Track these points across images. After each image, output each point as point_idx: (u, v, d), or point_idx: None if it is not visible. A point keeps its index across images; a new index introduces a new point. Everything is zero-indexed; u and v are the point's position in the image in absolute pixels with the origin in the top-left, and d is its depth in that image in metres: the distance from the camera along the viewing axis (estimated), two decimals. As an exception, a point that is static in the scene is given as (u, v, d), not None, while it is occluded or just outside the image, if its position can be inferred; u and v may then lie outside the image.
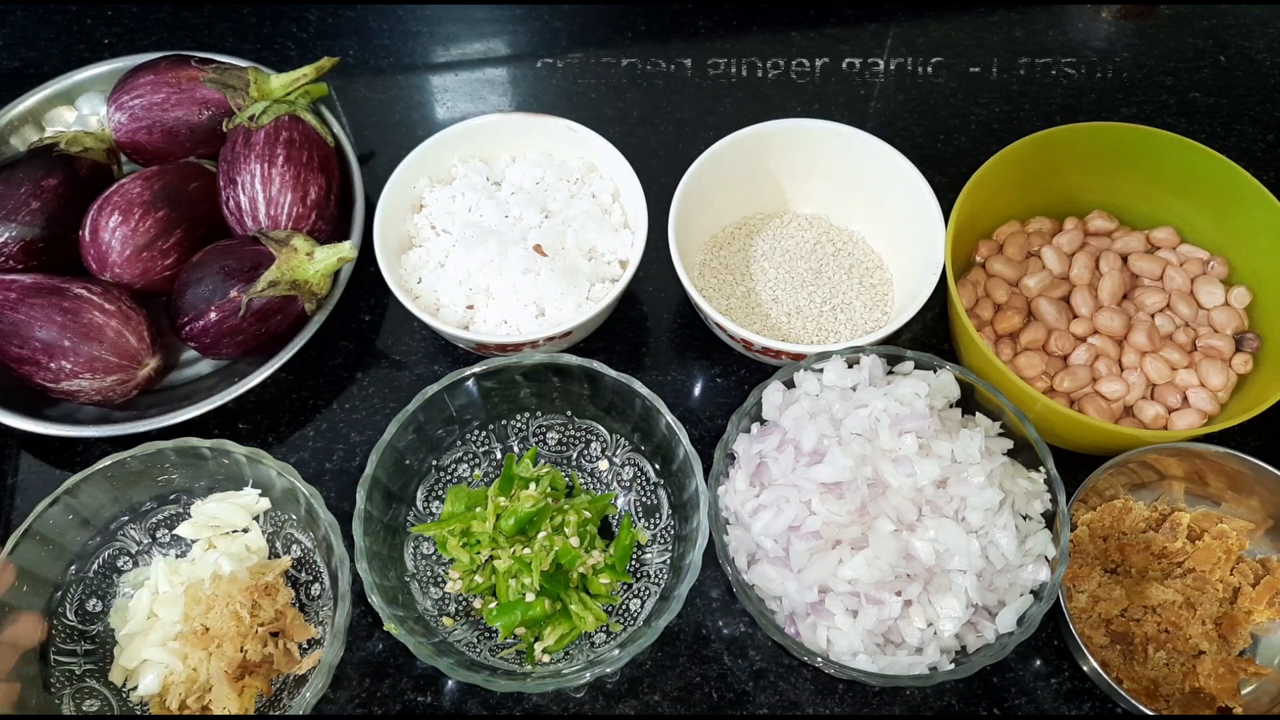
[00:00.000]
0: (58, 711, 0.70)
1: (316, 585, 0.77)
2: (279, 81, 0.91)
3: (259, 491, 0.77)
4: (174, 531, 0.78)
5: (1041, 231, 0.91)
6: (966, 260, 0.91)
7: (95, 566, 0.76)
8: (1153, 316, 0.86)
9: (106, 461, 0.73)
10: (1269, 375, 0.81)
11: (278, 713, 0.72)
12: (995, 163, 0.85)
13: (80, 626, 0.74)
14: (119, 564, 0.77)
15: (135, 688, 0.72)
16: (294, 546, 0.78)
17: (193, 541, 0.78)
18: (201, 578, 0.74)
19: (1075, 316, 0.86)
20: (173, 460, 0.75)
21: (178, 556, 0.78)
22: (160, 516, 0.78)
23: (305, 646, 0.75)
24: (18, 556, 0.70)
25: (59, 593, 0.74)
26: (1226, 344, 0.83)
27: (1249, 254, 0.86)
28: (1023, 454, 0.73)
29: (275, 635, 0.73)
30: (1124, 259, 0.89)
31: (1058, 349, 0.84)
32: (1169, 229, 0.90)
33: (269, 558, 0.78)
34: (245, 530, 0.78)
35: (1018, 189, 0.89)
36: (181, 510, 0.78)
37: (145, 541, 0.78)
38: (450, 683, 0.76)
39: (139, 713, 0.72)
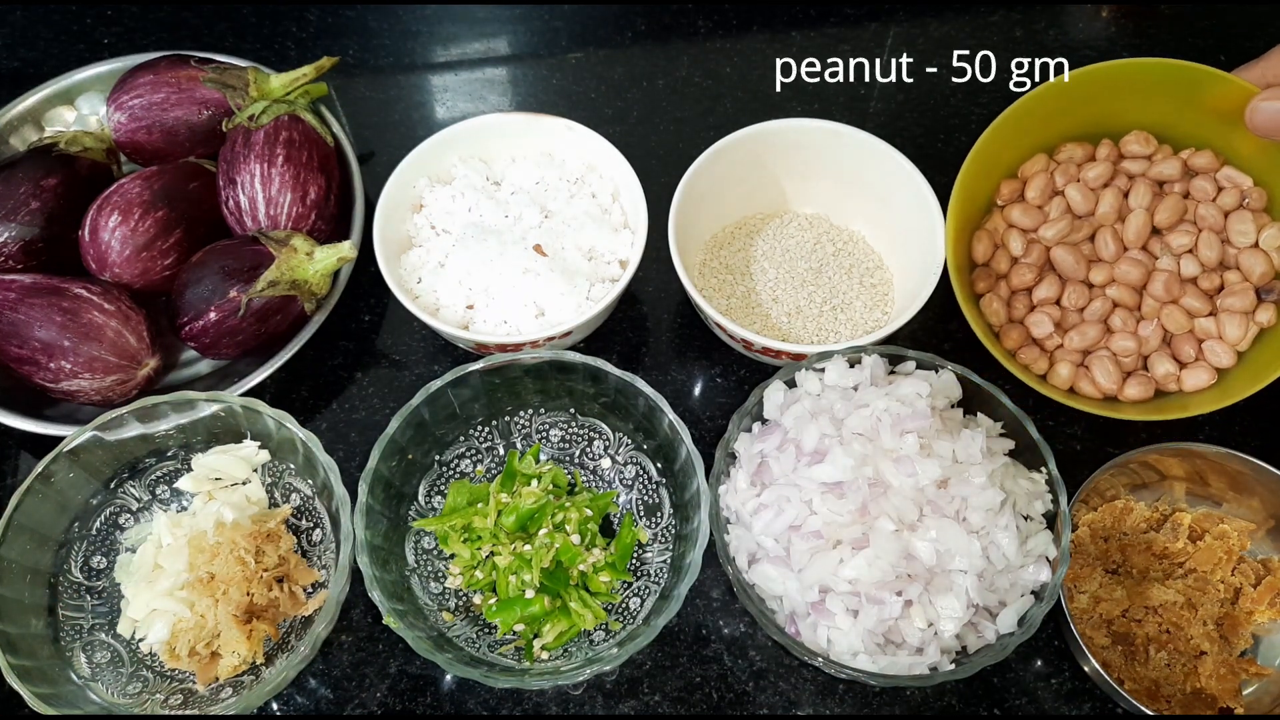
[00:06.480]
0: (69, 664, 0.71)
1: (318, 531, 0.79)
2: (279, 81, 0.91)
3: (258, 444, 0.79)
4: (174, 486, 0.79)
5: (1073, 159, 0.87)
6: (987, 201, 0.89)
7: (98, 524, 0.77)
8: (1178, 259, 0.83)
9: (105, 418, 0.74)
10: None
11: (286, 654, 0.73)
12: (1013, 111, 0.83)
13: (86, 582, 0.76)
14: (120, 521, 0.78)
15: (144, 638, 0.74)
16: (293, 495, 0.80)
17: (193, 496, 0.79)
18: (203, 529, 0.76)
19: (1095, 262, 0.84)
20: (169, 415, 0.76)
21: (179, 511, 0.79)
22: (159, 473, 0.79)
23: (310, 590, 0.77)
24: (21, 513, 0.71)
25: (63, 549, 0.75)
26: (1248, 293, 0.81)
27: None
28: (1024, 454, 0.73)
29: (280, 581, 0.75)
30: (1157, 188, 0.85)
31: (1072, 303, 0.83)
32: (1208, 152, 0.85)
33: (270, 508, 0.79)
34: (245, 482, 0.79)
35: (1045, 128, 0.86)
36: (180, 466, 0.79)
37: (145, 498, 0.79)
38: (449, 680, 0.76)
39: (149, 663, 0.74)
